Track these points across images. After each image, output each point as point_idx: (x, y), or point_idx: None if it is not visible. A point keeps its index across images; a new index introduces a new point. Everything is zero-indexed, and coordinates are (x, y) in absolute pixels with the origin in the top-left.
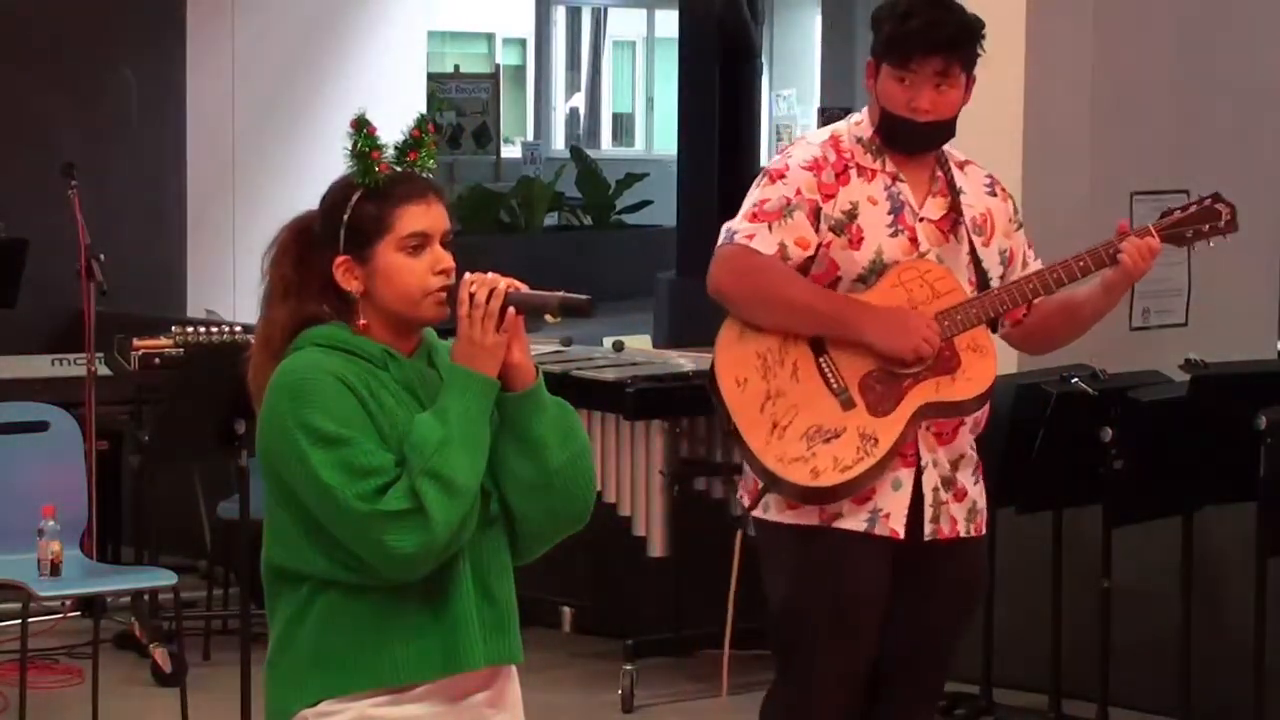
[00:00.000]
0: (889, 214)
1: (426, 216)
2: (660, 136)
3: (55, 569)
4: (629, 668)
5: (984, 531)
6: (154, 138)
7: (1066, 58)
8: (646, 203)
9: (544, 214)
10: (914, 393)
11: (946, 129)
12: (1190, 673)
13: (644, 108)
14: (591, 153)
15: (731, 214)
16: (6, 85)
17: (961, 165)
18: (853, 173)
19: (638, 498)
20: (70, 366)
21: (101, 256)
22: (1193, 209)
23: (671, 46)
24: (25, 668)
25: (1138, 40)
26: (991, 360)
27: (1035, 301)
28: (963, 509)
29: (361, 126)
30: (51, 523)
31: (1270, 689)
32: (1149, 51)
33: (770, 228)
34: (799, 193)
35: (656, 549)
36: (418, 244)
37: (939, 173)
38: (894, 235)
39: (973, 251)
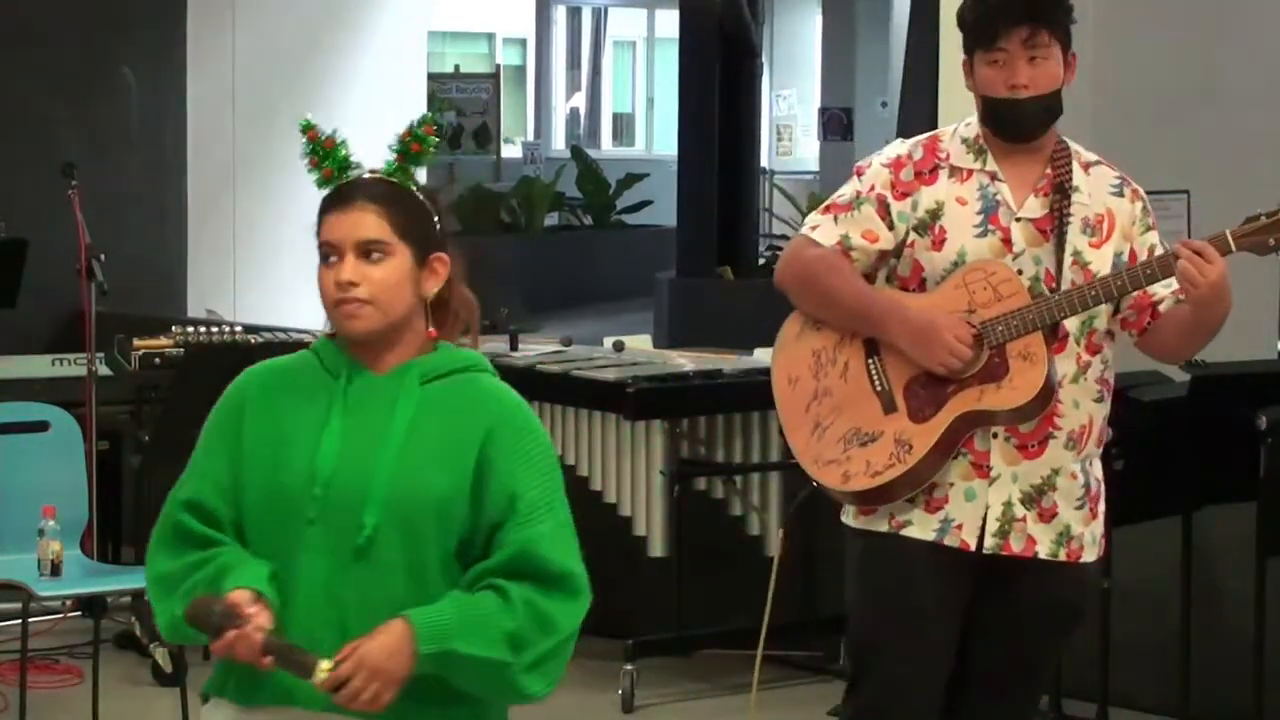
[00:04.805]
0: (979, 214)
1: (337, 226)
2: (660, 136)
3: (55, 569)
4: (629, 668)
5: (1080, 559)
6: (154, 138)
7: None
8: (646, 203)
9: (544, 214)
10: (956, 400)
11: (1051, 105)
12: (1190, 673)
13: (644, 108)
14: (591, 153)
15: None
16: (6, 85)
17: (1088, 166)
18: (943, 173)
19: (638, 498)
20: (70, 366)
21: (101, 256)
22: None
23: (671, 46)
24: (25, 668)
25: (1138, 41)
26: (1040, 369)
27: (1163, 310)
28: (1049, 531)
29: (305, 131)
30: (51, 523)
31: (1270, 689)
32: (1149, 52)
33: (836, 220)
34: (872, 188)
35: (656, 549)
36: (325, 254)
37: (1048, 171)
38: (981, 235)
39: (1076, 252)
